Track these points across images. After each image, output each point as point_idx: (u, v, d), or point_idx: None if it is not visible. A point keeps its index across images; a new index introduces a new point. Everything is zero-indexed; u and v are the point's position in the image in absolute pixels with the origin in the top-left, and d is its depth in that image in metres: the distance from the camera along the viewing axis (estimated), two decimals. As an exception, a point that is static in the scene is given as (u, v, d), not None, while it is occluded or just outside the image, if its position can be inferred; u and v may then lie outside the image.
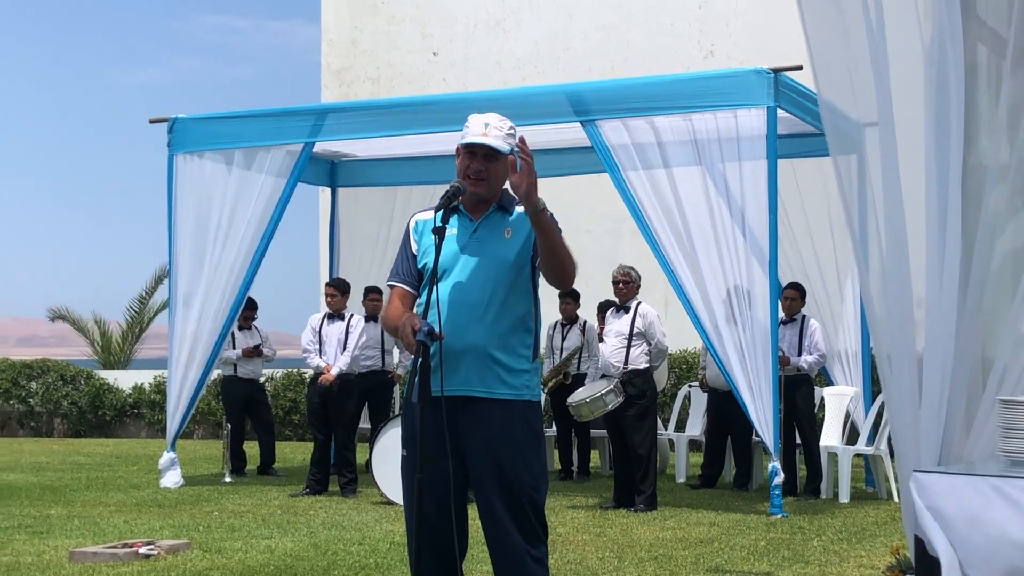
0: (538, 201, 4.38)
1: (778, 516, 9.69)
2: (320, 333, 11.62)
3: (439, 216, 4.43)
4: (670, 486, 11.94)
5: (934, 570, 3.92)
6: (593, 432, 12.84)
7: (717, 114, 10.26)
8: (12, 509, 10.35)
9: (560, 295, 12.19)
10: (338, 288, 11.82)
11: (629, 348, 10.35)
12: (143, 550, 7.85)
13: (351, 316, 11.71)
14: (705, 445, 12.27)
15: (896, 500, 10.38)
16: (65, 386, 20.04)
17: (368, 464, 10.79)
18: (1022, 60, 4.36)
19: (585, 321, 12.77)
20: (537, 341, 4.69)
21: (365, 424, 13.19)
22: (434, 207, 4.56)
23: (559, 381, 12.57)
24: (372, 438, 11.02)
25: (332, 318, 11.68)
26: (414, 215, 4.79)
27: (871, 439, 11.32)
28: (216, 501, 10.94)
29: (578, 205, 16.52)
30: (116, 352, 25.24)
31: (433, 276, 4.43)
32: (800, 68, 9.57)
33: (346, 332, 11.56)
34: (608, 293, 10.99)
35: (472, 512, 4.61)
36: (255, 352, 13.43)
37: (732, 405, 11.08)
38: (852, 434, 11.79)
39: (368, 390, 12.58)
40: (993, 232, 4.37)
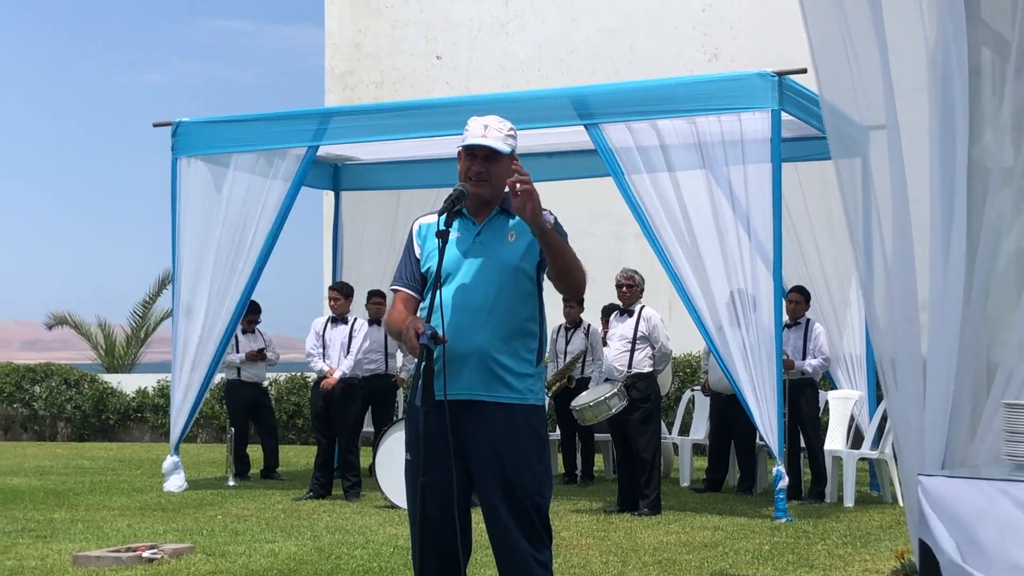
0: (544, 221, 4.36)
1: (782, 520, 9.68)
2: (323, 337, 11.61)
3: (442, 220, 4.42)
4: (674, 490, 11.92)
5: (938, 574, 3.91)
6: (597, 436, 12.83)
7: (721, 117, 10.25)
8: (16, 513, 10.35)
9: (564, 299, 12.19)
10: (341, 292, 11.81)
11: (633, 352, 10.34)
12: (147, 554, 7.85)
13: (354, 320, 11.69)
14: (709, 450, 12.25)
15: (901, 504, 10.36)
16: (69, 390, 20.04)
17: (372, 468, 10.78)
18: (1027, 63, 4.36)
19: (589, 325, 12.76)
20: (541, 345, 4.68)
21: (369, 428, 13.18)
22: (437, 211, 4.56)
23: (563, 385, 12.56)
24: (375, 442, 11.00)
25: (335, 322, 11.67)
26: (417, 219, 4.77)
27: (875, 443, 11.30)
28: (220, 505, 10.94)
29: (581, 208, 16.51)
30: (120, 356, 25.24)
31: (436, 280, 4.42)
32: (804, 71, 9.54)
33: (349, 336, 11.54)
34: (612, 297, 10.97)
35: (476, 516, 4.60)
36: (259, 356, 13.44)
37: (735, 409, 11.05)
38: (856, 438, 11.76)
39: (371, 394, 12.57)
40: (998, 235, 4.36)
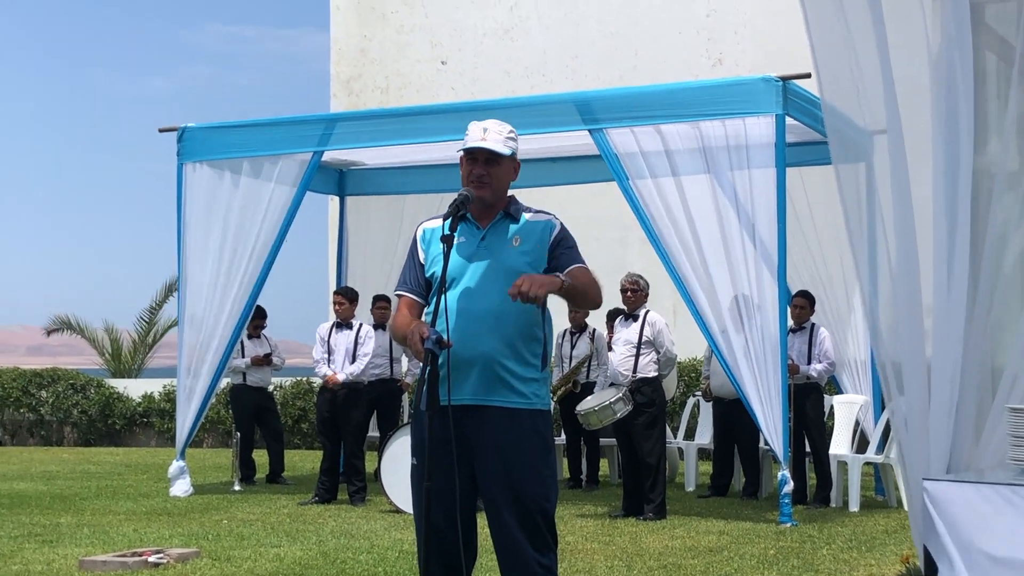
0: (560, 285, 4.43)
1: (788, 525, 9.67)
2: (328, 342, 11.60)
3: (447, 224, 4.42)
4: (679, 494, 11.92)
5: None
6: (602, 441, 12.83)
7: (726, 122, 10.25)
8: (22, 518, 10.35)
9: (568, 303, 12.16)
10: (346, 296, 11.81)
11: (638, 356, 10.34)
12: (152, 558, 7.86)
13: (360, 325, 11.69)
14: (713, 455, 12.24)
15: (906, 508, 10.34)
16: (75, 395, 20.05)
17: (377, 472, 10.79)
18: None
19: (594, 329, 12.75)
20: (547, 349, 4.68)
21: (374, 432, 13.19)
22: (441, 215, 4.56)
23: (568, 389, 12.56)
24: (381, 446, 11.00)
25: (340, 327, 11.67)
26: (421, 224, 4.77)
27: (881, 447, 11.29)
28: (225, 509, 10.94)
29: (586, 213, 16.50)
30: (127, 361, 25.23)
31: (441, 285, 4.42)
32: (809, 76, 9.49)
33: (355, 341, 11.54)
34: (617, 301, 10.96)
35: (481, 521, 4.60)
36: (264, 361, 13.45)
37: (738, 414, 11.06)
38: (862, 442, 11.76)
39: (377, 398, 12.57)
40: (1002, 240, 4.36)
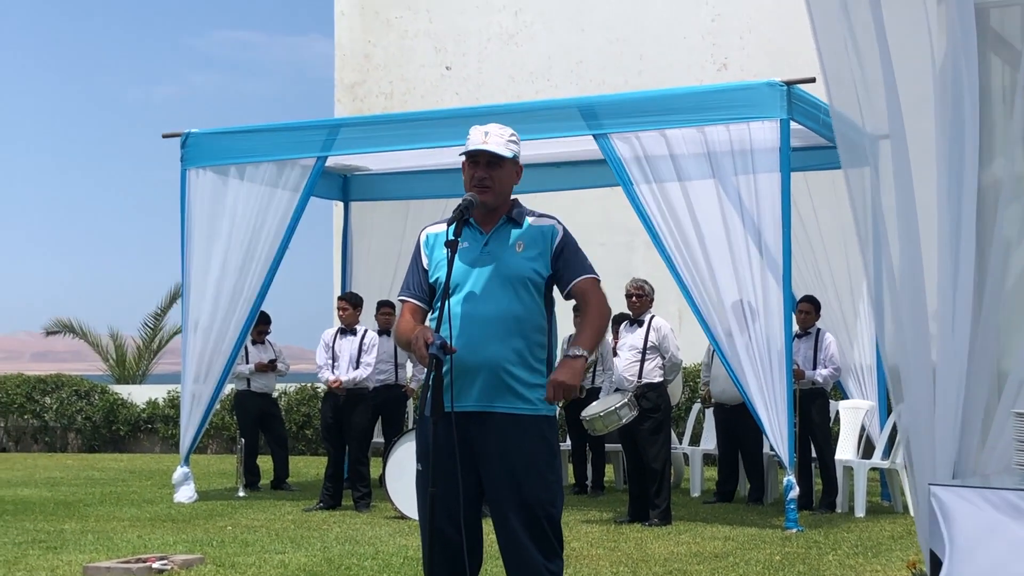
0: (584, 361, 4.55)
1: (793, 530, 9.65)
2: (333, 348, 11.60)
3: (451, 230, 4.41)
4: (684, 500, 11.90)
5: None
6: (607, 446, 12.81)
7: (730, 127, 10.24)
8: (26, 524, 10.35)
9: (573, 307, 12.15)
10: (350, 302, 11.81)
11: (643, 362, 10.33)
12: (156, 565, 7.85)
13: (364, 331, 11.68)
14: (718, 461, 12.22)
15: (912, 514, 10.32)
16: (79, 401, 20.06)
17: (382, 478, 10.77)
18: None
19: (599, 334, 12.72)
20: (552, 355, 4.68)
21: (379, 438, 13.18)
22: (444, 220, 4.55)
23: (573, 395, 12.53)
24: (386, 452, 11.00)
25: (345, 332, 11.66)
26: (425, 228, 4.75)
27: (887, 453, 11.27)
28: (230, 516, 10.94)
29: (591, 219, 16.51)
30: (131, 367, 25.26)
31: (445, 291, 4.41)
32: (813, 80, 9.56)
33: (359, 347, 11.54)
34: (621, 306, 10.94)
35: (487, 526, 4.59)
36: (268, 367, 13.44)
37: (740, 419, 11.04)
38: (867, 448, 11.74)
39: (381, 404, 12.57)
40: (1009, 245, 4.34)
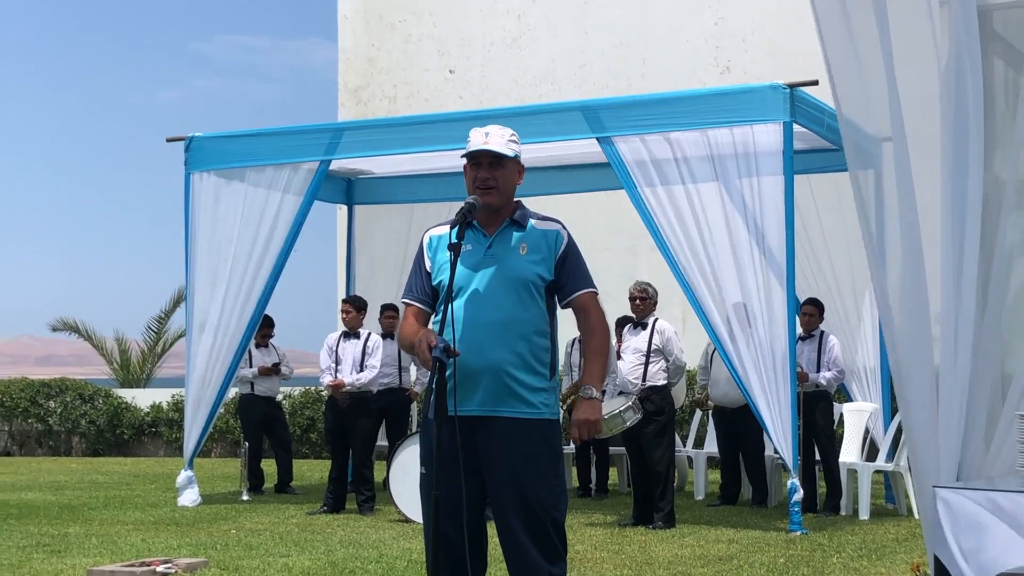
0: (600, 400, 4.62)
1: (797, 533, 9.64)
2: (336, 352, 11.60)
3: (454, 232, 4.40)
4: (688, 503, 11.90)
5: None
6: (611, 449, 12.81)
7: (734, 130, 10.24)
8: (30, 528, 10.36)
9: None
10: (354, 305, 11.80)
11: (647, 365, 10.33)
12: (161, 568, 7.85)
13: (368, 335, 11.67)
14: (721, 465, 12.21)
15: (916, 516, 10.31)
16: (83, 405, 20.07)
17: (386, 482, 10.77)
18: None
19: (602, 338, 12.72)
20: (555, 359, 4.67)
21: (383, 442, 13.18)
22: (447, 222, 4.54)
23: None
24: (389, 456, 11.00)
25: (348, 336, 11.66)
26: (427, 231, 4.74)
27: (890, 455, 11.26)
28: (233, 519, 10.94)
29: (595, 222, 16.53)
30: (135, 371, 25.27)
31: (448, 294, 4.40)
32: (816, 83, 9.56)
33: (363, 350, 11.54)
34: (625, 309, 10.96)
35: (491, 530, 4.59)
36: (272, 370, 13.45)
37: (740, 422, 11.03)
38: (871, 450, 11.73)
39: (386, 407, 12.56)
40: (1013, 248, 4.35)
